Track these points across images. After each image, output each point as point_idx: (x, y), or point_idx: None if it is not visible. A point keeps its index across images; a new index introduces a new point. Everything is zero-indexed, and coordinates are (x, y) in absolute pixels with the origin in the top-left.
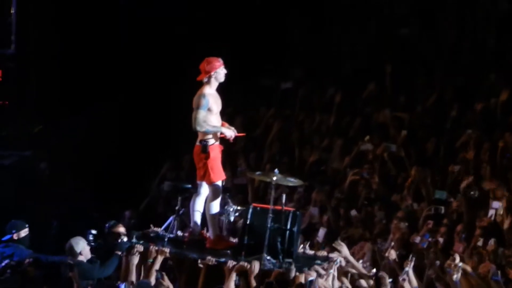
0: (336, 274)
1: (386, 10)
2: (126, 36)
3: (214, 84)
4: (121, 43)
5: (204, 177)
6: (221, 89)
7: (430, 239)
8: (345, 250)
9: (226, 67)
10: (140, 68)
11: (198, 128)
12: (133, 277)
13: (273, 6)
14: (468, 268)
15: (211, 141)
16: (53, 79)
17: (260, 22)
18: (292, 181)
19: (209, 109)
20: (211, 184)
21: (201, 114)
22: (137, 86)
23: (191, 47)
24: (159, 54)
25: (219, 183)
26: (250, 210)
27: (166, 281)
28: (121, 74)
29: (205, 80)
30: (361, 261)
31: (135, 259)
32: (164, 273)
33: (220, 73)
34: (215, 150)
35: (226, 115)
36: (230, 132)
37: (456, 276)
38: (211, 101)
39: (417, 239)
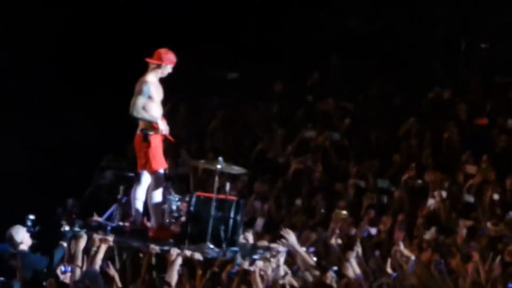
0: (281, 262)
1: (335, 1)
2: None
3: (158, 74)
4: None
5: (145, 165)
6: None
7: (370, 228)
8: (292, 238)
9: (175, 67)
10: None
11: (135, 114)
12: (79, 262)
13: None
14: (413, 257)
15: (153, 130)
16: None
17: (208, 13)
18: (236, 169)
19: (150, 97)
20: (153, 172)
21: (140, 100)
22: (78, 75)
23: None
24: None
25: (161, 171)
26: (194, 199)
27: (112, 270)
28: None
29: (152, 66)
30: (304, 249)
31: (82, 244)
32: (109, 262)
33: (167, 69)
34: (157, 139)
35: (170, 103)
36: (163, 127)
37: (410, 264)
38: (152, 89)
39: (354, 230)
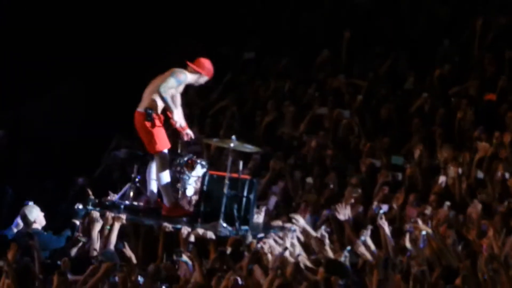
0: (294, 241)
1: None
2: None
3: (193, 79)
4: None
5: (149, 146)
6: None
7: (382, 205)
8: (302, 220)
9: (208, 81)
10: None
11: (162, 91)
12: (96, 245)
13: None
14: (424, 232)
15: (155, 111)
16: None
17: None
18: (249, 148)
19: (178, 87)
20: (157, 153)
21: (172, 82)
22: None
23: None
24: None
25: (165, 151)
26: (207, 178)
27: (128, 251)
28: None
29: (191, 70)
30: (323, 227)
31: (98, 226)
32: (126, 243)
33: (202, 79)
34: (158, 119)
35: None
36: (181, 120)
37: (422, 239)
38: (184, 84)
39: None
